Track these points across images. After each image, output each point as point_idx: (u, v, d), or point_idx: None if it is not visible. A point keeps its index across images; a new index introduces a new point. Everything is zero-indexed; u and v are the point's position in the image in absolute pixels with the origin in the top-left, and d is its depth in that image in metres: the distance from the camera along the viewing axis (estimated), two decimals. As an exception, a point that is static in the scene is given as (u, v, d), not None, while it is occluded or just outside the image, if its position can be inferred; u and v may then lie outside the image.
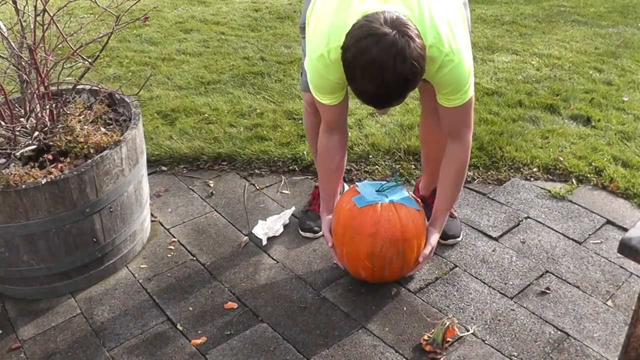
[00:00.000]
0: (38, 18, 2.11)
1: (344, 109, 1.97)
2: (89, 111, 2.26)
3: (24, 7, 2.13)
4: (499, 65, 4.08)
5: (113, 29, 2.21)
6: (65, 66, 2.27)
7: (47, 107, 2.18)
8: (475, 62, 4.12)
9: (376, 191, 1.98)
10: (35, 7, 2.09)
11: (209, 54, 4.40)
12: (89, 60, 2.25)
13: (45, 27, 2.11)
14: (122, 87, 2.84)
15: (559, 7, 5.64)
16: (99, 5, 2.24)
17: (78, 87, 2.40)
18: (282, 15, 5.32)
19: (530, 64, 4.11)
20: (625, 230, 2.38)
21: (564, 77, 3.87)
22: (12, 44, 2.10)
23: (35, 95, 2.16)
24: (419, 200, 2.05)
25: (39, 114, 2.16)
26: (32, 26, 2.11)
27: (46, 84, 2.16)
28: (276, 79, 3.91)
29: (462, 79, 1.70)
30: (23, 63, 2.13)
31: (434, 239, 2.02)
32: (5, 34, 2.11)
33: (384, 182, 2.02)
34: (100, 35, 2.37)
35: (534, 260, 2.26)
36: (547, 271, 2.20)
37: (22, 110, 2.23)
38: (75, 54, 2.16)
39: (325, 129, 2.02)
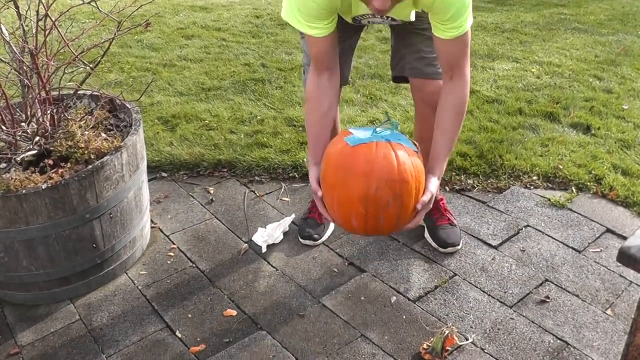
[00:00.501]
0: (40, 23, 2.12)
1: (333, 42, 1.83)
2: (90, 117, 2.26)
3: (27, 11, 2.13)
4: (499, 73, 4.09)
5: (115, 34, 2.22)
6: (66, 71, 2.27)
7: (49, 112, 2.18)
8: (475, 69, 4.13)
9: (371, 134, 1.74)
10: (37, 12, 2.10)
11: (210, 61, 4.41)
12: (91, 65, 2.25)
13: (47, 32, 2.12)
14: (123, 93, 2.84)
15: (560, 15, 5.66)
16: (100, 11, 2.25)
17: (79, 92, 2.40)
18: (283, 21, 5.33)
19: (530, 72, 4.12)
20: (625, 239, 2.38)
21: (564, 85, 3.87)
22: (14, 48, 2.11)
23: (36, 101, 2.16)
24: (417, 145, 1.78)
25: (40, 119, 2.16)
26: (34, 31, 2.12)
27: (48, 89, 2.17)
28: (277, 85, 3.92)
29: (464, 1, 1.67)
30: (25, 68, 2.13)
31: (434, 186, 1.77)
32: (8, 39, 2.12)
33: (378, 127, 1.79)
34: (102, 40, 2.37)
35: (533, 269, 2.26)
36: (546, 280, 2.20)
37: (24, 115, 2.23)
38: (77, 59, 2.17)
39: (314, 68, 1.89)
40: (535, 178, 2.82)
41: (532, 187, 2.78)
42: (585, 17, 5.56)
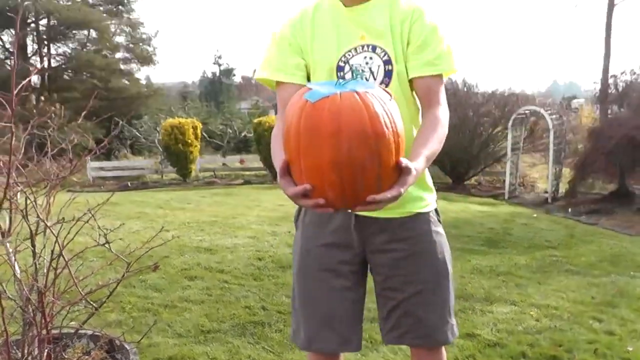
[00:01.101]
0: (52, 262, 2.22)
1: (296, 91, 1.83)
2: (87, 357, 2.23)
3: (42, 250, 2.25)
4: (498, 316, 4.11)
5: (123, 275, 2.31)
6: (70, 310, 2.31)
7: (45, 351, 2.16)
8: (474, 313, 4.15)
9: (334, 86, 1.47)
10: (52, 250, 2.21)
11: (211, 302, 4.45)
12: (95, 305, 2.30)
13: (58, 271, 2.21)
14: (124, 333, 2.85)
15: (551, 257, 5.86)
16: (111, 251, 2.37)
17: (79, 331, 2.41)
18: (284, 264, 5.51)
19: (529, 314, 4.14)
20: None
21: (564, 327, 3.86)
22: (24, 286, 2.18)
23: (36, 339, 2.16)
24: (390, 93, 1.50)
25: (37, 358, 2.13)
26: (45, 270, 2.21)
27: (49, 328, 2.18)
28: (276, 328, 3.90)
29: (436, 30, 1.73)
30: (30, 306, 2.17)
31: (410, 177, 1.44)
32: (19, 275, 2.20)
33: (342, 80, 1.55)
34: (110, 281, 2.45)
35: None
36: None
37: (19, 353, 2.21)
38: (82, 299, 2.22)
39: (282, 119, 1.73)
40: None
41: None
42: (576, 259, 5.75)
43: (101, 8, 26.63)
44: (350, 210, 1.48)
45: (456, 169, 12.45)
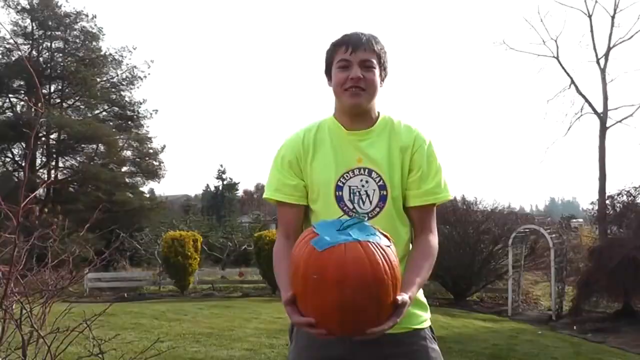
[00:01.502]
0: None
1: (300, 215, 1.93)
2: None
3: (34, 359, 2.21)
4: None
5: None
6: None
7: None
8: None
9: (337, 230, 1.64)
10: (43, 365, 2.17)
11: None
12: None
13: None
14: None
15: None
16: (103, 366, 2.32)
17: None
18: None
19: None
20: None
21: None
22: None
23: None
24: (388, 236, 1.67)
25: None
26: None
27: None
28: None
29: (435, 160, 1.87)
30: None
31: (405, 309, 1.64)
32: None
33: (343, 219, 1.68)
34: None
35: None
36: None
37: None
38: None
39: (282, 234, 1.93)
40: None
41: None
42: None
43: (111, 123, 27.62)
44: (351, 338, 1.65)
45: (458, 284, 12.32)
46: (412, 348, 1.86)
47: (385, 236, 1.66)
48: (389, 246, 1.63)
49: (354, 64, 1.81)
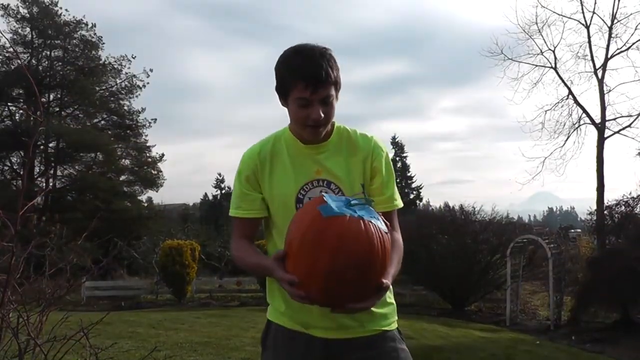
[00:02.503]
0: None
1: (257, 225, 1.98)
2: None
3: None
4: None
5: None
6: None
7: None
8: None
9: (344, 205, 1.67)
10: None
11: None
12: None
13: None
14: None
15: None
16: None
17: None
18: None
19: None
20: None
21: None
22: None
23: None
24: (388, 225, 1.72)
25: None
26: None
27: None
28: None
29: (391, 168, 1.95)
30: None
31: (384, 293, 1.73)
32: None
33: (352, 198, 1.72)
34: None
35: None
36: None
37: None
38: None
39: (241, 237, 1.97)
40: None
41: None
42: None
43: (109, 132, 27.65)
44: (330, 310, 1.68)
45: (456, 294, 12.30)
46: (383, 350, 1.88)
47: (386, 224, 1.70)
48: (386, 233, 1.68)
49: (314, 102, 1.78)
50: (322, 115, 1.78)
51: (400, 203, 1.98)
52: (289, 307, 1.85)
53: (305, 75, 1.75)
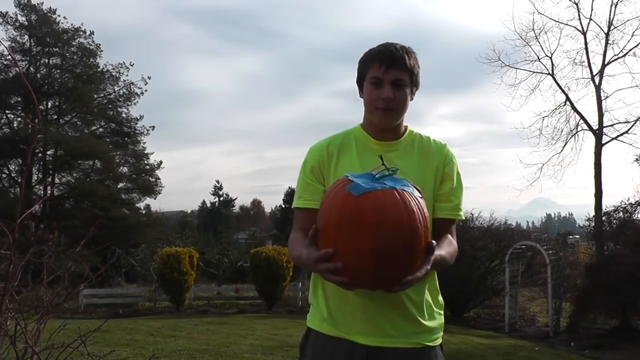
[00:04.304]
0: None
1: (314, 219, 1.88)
2: None
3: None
4: None
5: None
6: None
7: None
8: None
9: (370, 180, 1.62)
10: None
11: None
12: None
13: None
14: None
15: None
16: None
17: None
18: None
19: None
20: None
21: None
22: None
23: None
24: (420, 189, 1.68)
25: None
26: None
27: None
28: None
29: (461, 179, 1.92)
30: None
31: (433, 257, 1.65)
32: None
33: (375, 172, 1.66)
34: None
35: None
36: None
37: None
38: None
39: (296, 231, 1.91)
40: None
41: None
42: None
43: (107, 139, 27.64)
44: (385, 291, 1.61)
45: (454, 301, 12.27)
46: None
47: (417, 189, 1.66)
48: (422, 197, 1.64)
49: (385, 83, 1.81)
50: (392, 96, 1.80)
51: (463, 215, 1.95)
52: (333, 312, 1.83)
53: (381, 56, 1.81)
